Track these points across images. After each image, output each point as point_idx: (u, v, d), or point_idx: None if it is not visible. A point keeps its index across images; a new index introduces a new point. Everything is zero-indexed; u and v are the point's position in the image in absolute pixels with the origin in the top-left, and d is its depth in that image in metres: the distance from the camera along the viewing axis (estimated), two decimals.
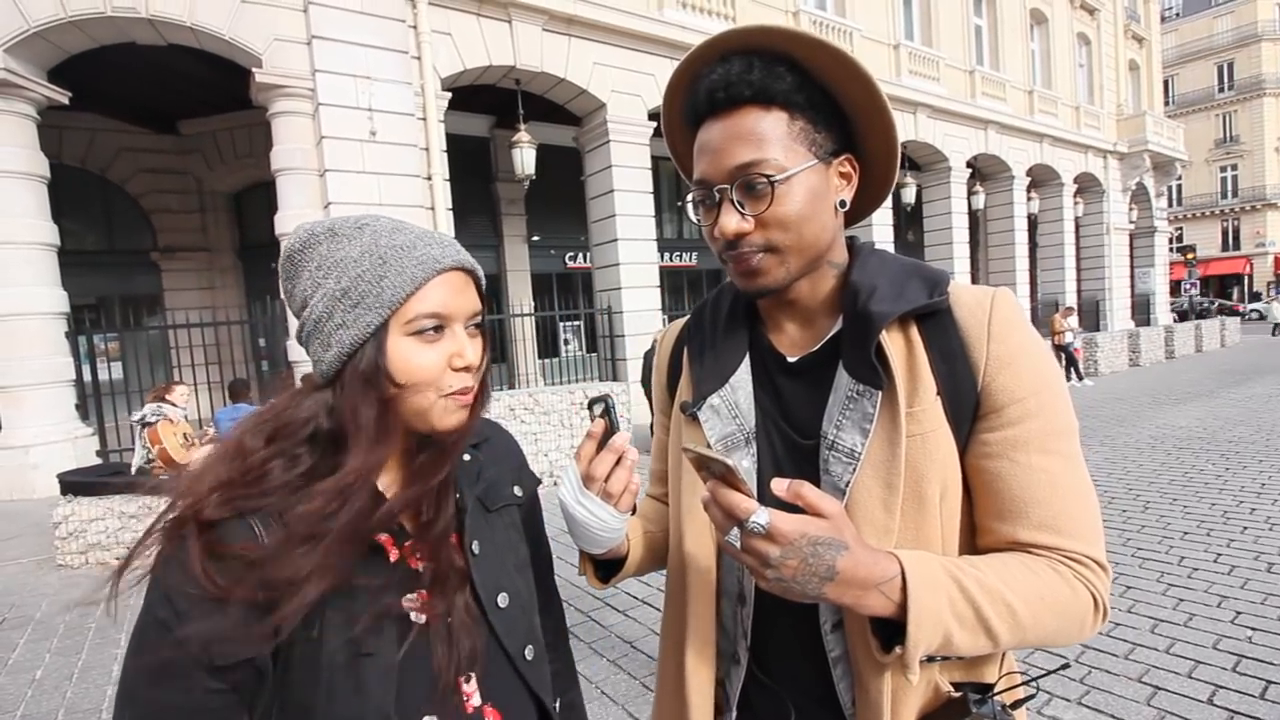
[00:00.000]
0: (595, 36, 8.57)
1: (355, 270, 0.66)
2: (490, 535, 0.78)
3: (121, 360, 8.01)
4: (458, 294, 0.70)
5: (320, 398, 0.68)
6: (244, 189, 11.11)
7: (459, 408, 0.70)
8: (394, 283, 0.66)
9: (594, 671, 2.93)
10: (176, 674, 0.59)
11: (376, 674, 0.64)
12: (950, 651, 0.66)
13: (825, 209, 0.75)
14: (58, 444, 6.47)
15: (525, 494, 0.86)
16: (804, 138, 0.73)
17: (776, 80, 0.71)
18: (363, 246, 0.67)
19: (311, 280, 0.68)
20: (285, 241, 0.72)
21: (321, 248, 0.69)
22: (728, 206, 0.73)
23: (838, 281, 0.80)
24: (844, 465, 0.73)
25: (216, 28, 6.41)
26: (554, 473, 6.50)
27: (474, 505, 0.77)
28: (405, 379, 0.67)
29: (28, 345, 6.42)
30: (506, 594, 0.76)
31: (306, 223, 0.71)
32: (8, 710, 2.88)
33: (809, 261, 0.76)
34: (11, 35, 6.04)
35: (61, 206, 7.42)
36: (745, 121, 0.72)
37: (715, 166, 0.73)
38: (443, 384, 0.68)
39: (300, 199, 6.83)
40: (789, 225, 0.73)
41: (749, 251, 0.74)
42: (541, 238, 12.13)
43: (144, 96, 9.38)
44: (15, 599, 4.19)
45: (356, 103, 6.83)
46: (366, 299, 0.66)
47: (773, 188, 0.71)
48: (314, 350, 0.69)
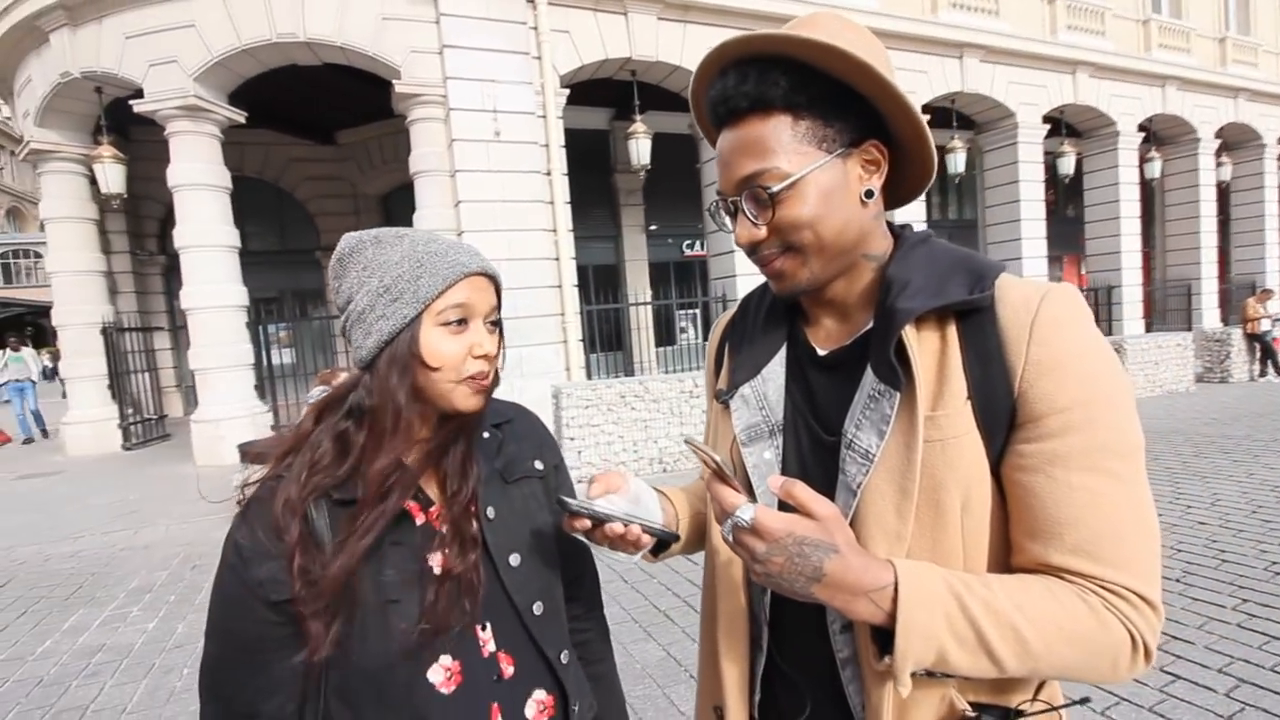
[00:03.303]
0: (711, 21, 8.51)
1: (396, 271, 0.78)
2: (507, 503, 0.87)
3: (293, 347, 9.13)
4: (480, 293, 0.81)
5: (359, 378, 0.80)
6: (391, 191, 12.17)
7: (475, 392, 0.81)
8: (428, 281, 0.77)
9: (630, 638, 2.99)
10: (241, 606, 0.74)
11: (400, 619, 0.75)
12: (948, 670, 0.63)
13: (845, 204, 0.73)
14: (240, 419, 7.48)
15: (546, 468, 0.94)
16: (811, 137, 0.71)
17: (771, 87, 0.71)
18: (403, 252, 0.79)
19: (357, 279, 0.80)
20: (337, 247, 0.84)
21: (368, 252, 0.81)
22: (741, 216, 0.75)
23: (876, 274, 0.77)
24: (859, 466, 0.71)
25: (362, 45, 7.05)
26: (663, 459, 6.60)
27: (492, 476, 0.87)
28: (434, 361, 0.78)
29: (217, 334, 7.48)
30: (519, 555, 0.85)
31: (354, 232, 0.84)
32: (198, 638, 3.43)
33: (835, 259, 0.75)
34: (199, 66, 7.02)
35: (244, 212, 8.53)
36: (748, 132, 0.72)
37: (725, 179, 0.75)
38: (463, 369, 0.79)
39: (435, 198, 7.38)
40: (802, 227, 0.72)
41: (770, 255, 0.75)
42: (659, 226, 12.24)
43: (306, 112, 10.53)
44: (205, 549, 4.93)
45: (482, 105, 7.24)
46: (405, 295, 0.77)
47: (773, 198, 0.71)
48: (355, 338, 0.80)
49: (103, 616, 3.83)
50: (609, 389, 6.47)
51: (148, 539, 5.28)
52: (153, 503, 6.22)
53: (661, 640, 3.15)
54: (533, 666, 0.85)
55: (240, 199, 8.20)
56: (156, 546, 5.08)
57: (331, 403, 0.82)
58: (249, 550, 0.74)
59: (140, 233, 11.33)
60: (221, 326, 7.52)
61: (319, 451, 0.78)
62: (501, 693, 0.81)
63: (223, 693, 0.76)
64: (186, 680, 3.02)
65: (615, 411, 6.46)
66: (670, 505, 0.95)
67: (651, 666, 2.91)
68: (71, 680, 3.10)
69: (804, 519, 0.63)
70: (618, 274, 11.83)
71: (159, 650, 3.35)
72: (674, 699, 2.65)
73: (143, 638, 3.51)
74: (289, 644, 0.73)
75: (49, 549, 5.18)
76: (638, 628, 3.30)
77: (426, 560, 0.79)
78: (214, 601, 0.77)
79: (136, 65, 7.16)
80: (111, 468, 8.09)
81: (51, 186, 8.72)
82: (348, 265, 0.81)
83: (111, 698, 2.93)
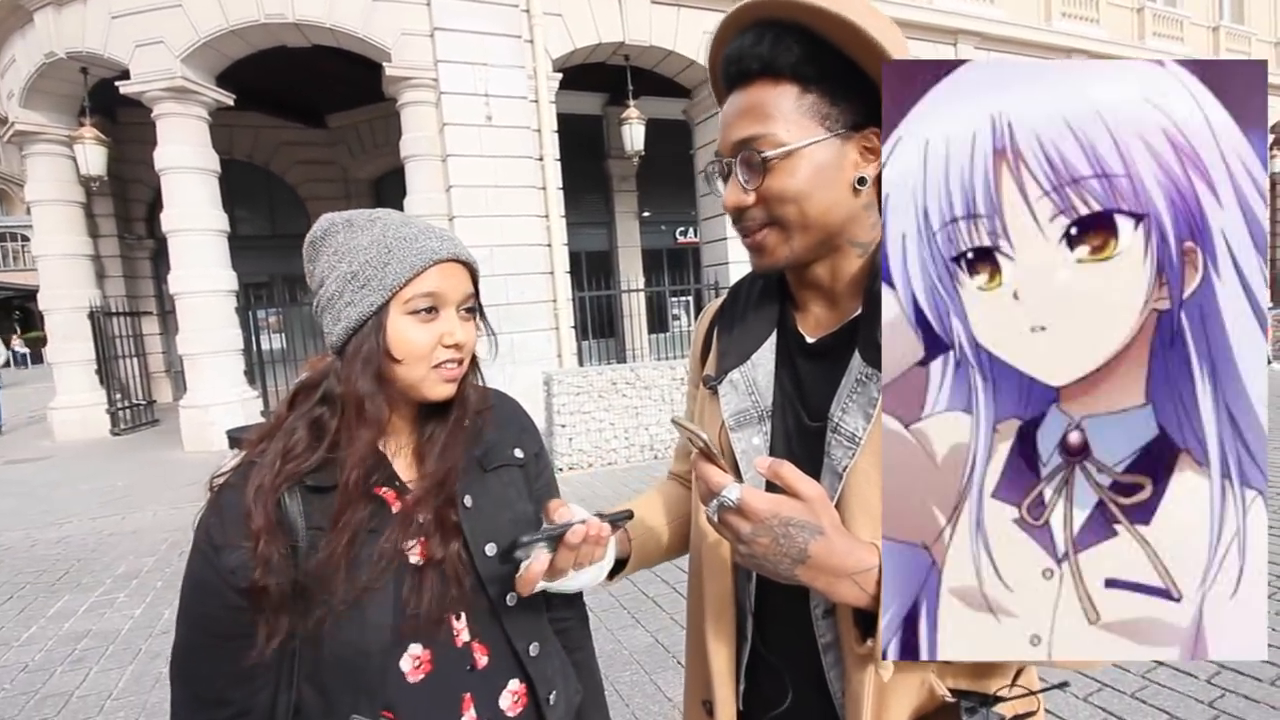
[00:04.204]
0: (705, 5, 8.42)
1: (364, 256, 0.77)
2: (485, 491, 0.86)
3: (283, 332, 9.07)
4: (451, 281, 0.79)
5: (330, 364, 0.80)
6: (382, 175, 12.06)
7: (445, 381, 0.80)
8: (396, 269, 0.76)
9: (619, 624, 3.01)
10: (211, 592, 0.74)
11: (376, 607, 0.74)
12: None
13: (836, 185, 0.72)
14: (230, 404, 7.44)
15: (526, 455, 0.93)
16: (814, 112, 0.71)
17: (784, 53, 0.70)
18: (372, 236, 0.78)
19: (328, 263, 0.79)
20: (311, 230, 0.83)
21: (339, 236, 0.79)
22: (733, 179, 0.75)
23: (864, 263, 0.77)
24: (845, 449, 0.71)
25: (352, 27, 6.95)
26: (654, 446, 6.61)
27: (471, 464, 0.86)
28: (401, 353, 0.77)
29: (206, 319, 7.42)
30: (495, 544, 0.83)
31: (329, 214, 0.82)
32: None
33: (817, 239, 0.75)
34: (186, 47, 6.90)
35: (233, 196, 8.45)
36: (754, 96, 0.73)
37: (724, 139, 0.75)
38: (433, 358, 0.78)
39: (426, 183, 7.31)
40: (788, 200, 0.72)
41: (752, 225, 0.76)
42: (652, 213, 12.19)
43: (296, 94, 10.39)
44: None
45: (474, 89, 7.17)
46: (372, 282, 0.76)
47: (765, 164, 0.71)
48: (326, 323, 0.80)
49: (89, 602, 3.82)
50: (600, 376, 6.46)
51: (135, 524, 5.26)
52: (141, 488, 6.19)
53: (649, 627, 3.16)
54: (506, 657, 0.84)
55: (230, 182, 8.11)
56: (144, 532, 5.06)
57: (306, 388, 0.81)
58: (220, 537, 0.73)
59: (128, 216, 11.20)
60: (211, 311, 7.46)
61: (293, 439, 0.77)
62: (474, 683, 0.81)
63: (192, 679, 0.76)
64: None
65: (606, 399, 6.45)
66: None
67: (639, 653, 2.92)
68: (57, 666, 3.10)
69: (790, 499, 0.63)
70: (610, 260, 11.79)
71: (145, 636, 3.34)
72: (661, 685, 2.66)
73: (129, 623, 3.51)
74: (250, 629, 0.73)
75: (36, 534, 5.16)
76: (625, 614, 3.31)
77: (403, 548, 0.78)
78: (185, 588, 0.76)
79: (123, 46, 7.04)
80: (100, 453, 8.05)
81: (38, 169, 8.60)
82: (320, 249, 0.81)
83: (97, 683, 2.93)
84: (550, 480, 0.99)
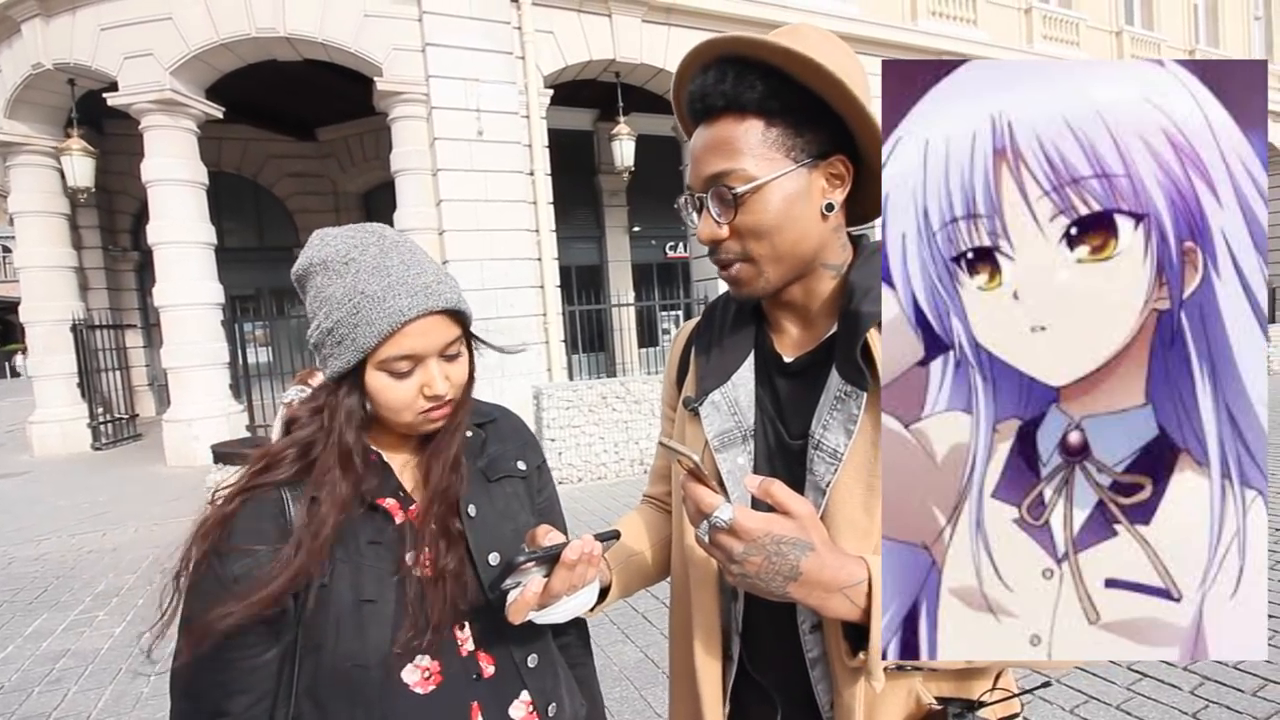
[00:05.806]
0: (694, 24, 8.53)
1: (338, 314, 0.76)
2: (488, 502, 0.86)
3: (270, 346, 8.98)
4: (427, 336, 0.78)
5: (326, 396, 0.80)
6: (371, 189, 12.03)
7: (433, 423, 0.81)
8: (365, 331, 0.75)
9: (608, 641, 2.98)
10: (213, 598, 0.73)
11: (376, 619, 0.74)
12: (921, 664, 0.65)
13: (806, 214, 0.75)
14: (214, 419, 7.35)
15: (529, 468, 0.94)
16: (780, 145, 0.73)
17: (747, 90, 0.72)
18: (345, 288, 0.76)
19: (311, 306, 0.80)
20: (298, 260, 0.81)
21: (317, 279, 0.79)
22: (705, 213, 0.76)
23: (838, 283, 0.80)
24: (827, 465, 0.73)
25: (343, 41, 6.97)
26: (644, 460, 6.59)
27: (474, 475, 0.86)
28: (381, 408, 0.78)
29: (191, 332, 7.34)
30: (498, 554, 0.83)
31: (305, 251, 0.80)
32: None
33: (791, 269, 0.77)
34: (175, 60, 6.88)
35: (221, 208, 8.40)
36: (721, 131, 0.74)
37: (694, 174, 0.77)
38: (416, 407, 0.79)
39: (416, 197, 7.30)
40: (761, 233, 0.74)
41: (727, 259, 0.78)
42: (642, 228, 12.25)
43: (286, 108, 10.38)
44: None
45: (465, 104, 7.18)
46: (345, 340, 0.76)
47: (736, 199, 0.73)
48: (320, 360, 0.80)
49: (67, 621, 3.73)
50: (590, 390, 6.46)
51: (116, 541, 5.16)
52: (122, 504, 6.08)
53: (639, 642, 3.14)
54: (512, 667, 0.84)
55: (217, 195, 8.07)
56: (125, 549, 4.96)
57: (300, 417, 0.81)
58: (224, 545, 0.74)
59: (113, 228, 11.09)
60: (196, 324, 7.38)
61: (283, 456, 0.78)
62: (481, 692, 0.81)
63: (192, 689, 0.75)
64: (155, 686, 2.95)
65: (596, 412, 6.44)
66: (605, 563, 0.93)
67: (629, 669, 2.90)
68: (34, 687, 3.02)
69: (781, 518, 0.64)
70: (601, 275, 11.82)
71: (125, 655, 3.27)
72: (651, 700, 2.64)
73: (109, 643, 3.43)
74: (261, 642, 0.73)
75: (13, 551, 5.04)
76: (615, 630, 3.28)
77: (405, 560, 0.78)
78: (188, 596, 0.76)
79: (111, 58, 7.01)
80: (80, 468, 7.90)
81: (21, 180, 8.51)
82: (304, 288, 0.81)
83: (75, 704, 2.85)
84: (553, 494, 0.99)
